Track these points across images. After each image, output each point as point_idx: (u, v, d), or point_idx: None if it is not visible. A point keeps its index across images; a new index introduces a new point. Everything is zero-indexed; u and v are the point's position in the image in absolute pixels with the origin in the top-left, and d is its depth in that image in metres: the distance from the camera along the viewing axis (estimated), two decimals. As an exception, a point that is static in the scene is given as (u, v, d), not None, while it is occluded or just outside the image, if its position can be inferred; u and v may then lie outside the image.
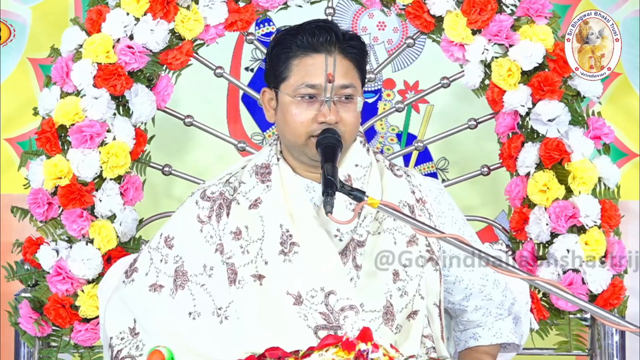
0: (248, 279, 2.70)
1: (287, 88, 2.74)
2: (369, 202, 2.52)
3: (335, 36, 2.73)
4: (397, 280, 2.73)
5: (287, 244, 2.71)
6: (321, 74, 2.71)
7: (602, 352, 3.53)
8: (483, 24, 3.54)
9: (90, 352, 3.50)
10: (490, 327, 2.94)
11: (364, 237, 2.74)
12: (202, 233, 2.79)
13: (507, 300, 2.95)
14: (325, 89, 2.71)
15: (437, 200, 2.88)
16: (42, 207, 3.46)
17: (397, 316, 2.71)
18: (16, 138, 4.21)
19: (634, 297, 3.73)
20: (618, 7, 4.25)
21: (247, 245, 2.73)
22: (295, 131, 2.73)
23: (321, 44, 2.72)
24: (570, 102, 3.54)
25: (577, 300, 2.41)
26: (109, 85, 3.47)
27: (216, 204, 2.80)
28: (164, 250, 2.80)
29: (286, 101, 2.74)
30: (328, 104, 2.70)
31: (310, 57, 2.73)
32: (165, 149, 3.96)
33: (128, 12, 3.50)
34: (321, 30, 2.73)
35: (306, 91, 2.72)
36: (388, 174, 2.84)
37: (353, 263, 2.72)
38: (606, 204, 3.50)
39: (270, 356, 2.57)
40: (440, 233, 2.55)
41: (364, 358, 2.47)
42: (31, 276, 3.52)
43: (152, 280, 2.78)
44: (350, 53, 2.75)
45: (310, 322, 2.65)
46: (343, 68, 2.73)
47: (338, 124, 2.71)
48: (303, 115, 2.72)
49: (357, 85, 2.75)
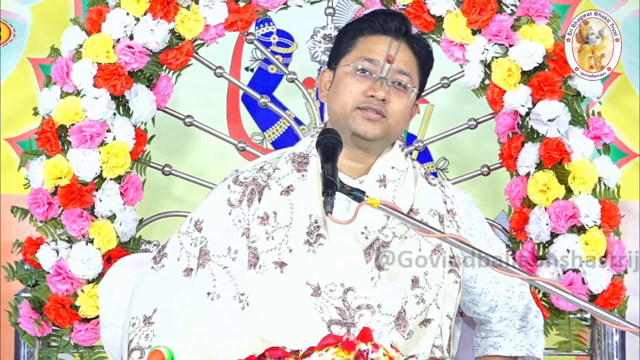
0: (269, 265, 2.69)
1: (346, 61, 2.75)
2: (369, 202, 2.52)
3: (406, 27, 2.76)
4: (416, 287, 2.72)
5: (313, 235, 2.70)
6: (382, 53, 2.72)
7: (602, 352, 3.53)
8: (483, 24, 3.54)
9: (90, 352, 3.50)
10: (511, 339, 2.94)
11: (389, 238, 2.73)
12: (230, 216, 2.76)
13: (531, 312, 2.96)
14: (383, 68, 2.71)
15: (467, 212, 2.87)
16: (42, 207, 3.46)
17: (410, 322, 2.70)
18: (16, 138, 4.21)
19: (634, 297, 3.73)
20: (618, 7, 4.25)
21: (273, 231, 2.72)
22: (343, 100, 2.72)
23: (390, 29, 2.74)
24: (570, 102, 3.54)
25: (577, 300, 2.41)
26: (109, 85, 3.47)
27: (248, 189, 2.78)
28: (193, 233, 2.78)
29: (341, 73, 2.75)
30: (381, 81, 2.71)
31: (377, 37, 2.75)
32: (165, 149, 3.96)
33: (128, 12, 3.50)
34: (395, 18, 2.76)
35: (364, 64, 2.72)
36: (422, 181, 2.83)
37: (376, 263, 2.71)
38: (606, 204, 3.50)
39: (270, 356, 2.57)
40: (441, 233, 2.55)
41: (364, 358, 2.47)
42: (31, 276, 3.52)
43: (184, 265, 2.75)
44: (416, 47, 2.77)
45: (324, 315, 2.64)
46: (405, 56, 2.75)
47: (385, 104, 2.70)
48: (355, 85, 2.72)
49: (415, 80, 2.76)
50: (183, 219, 3.74)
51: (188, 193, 4.17)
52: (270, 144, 4.38)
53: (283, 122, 4.35)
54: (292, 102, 4.27)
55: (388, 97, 2.70)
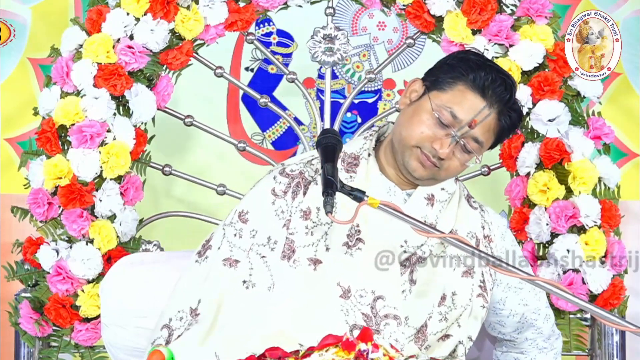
0: (304, 261, 2.67)
1: (436, 98, 2.68)
2: (369, 202, 2.52)
3: (506, 96, 2.68)
4: (442, 305, 2.73)
5: (353, 238, 2.69)
6: (470, 114, 2.66)
7: (602, 352, 3.53)
8: (483, 24, 3.54)
9: (90, 352, 3.51)
10: (532, 358, 2.96)
11: (426, 255, 2.72)
12: (273, 206, 2.74)
13: (554, 335, 2.98)
14: (461, 128, 2.66)
15: (502, 237, 2.88)
16: (42, 207, 3.46)
17: (429, 337, 2.71)
18: (16, 138, 4.21)
19: (634, 297, 3.74)
20: (618, 7, 4.25)
21: (313, 227, 2.70)
22: (412, 132, 2.68)
23: (491, 94, 2.67)
24: (570, 102, 3.54)
25: (577, 300, 2.41)
26: (109, 85, 3.47)
27: (294, 181, 2.76)
28: (237, 224, 2.75)
29: (426, 107, 2.69)
30: (452, 140, 2.66)
31: (474, 95, 2.67)
32: (165, 149, 3.97)
33: (128, 12, 3.50)
34: (501, 84, 2.68)
35: (447, 118, 2.66)
36: (464, 204, 2.82)
37: (409, 277, 2.70)
38: (606, 204, 3.50)
39: (270, 356, 2.57)
40: (441, 233, 2.55)
41: (364, 358, 2.47)
42: (31, 276, 3.52)
43: (225, 255, 2.73)
44: (505, 119, 2.71)
45: (349, 319, 2.63)
46: (488, 126, 2.69)
47: (443, 161, 2.68)
48: (429, 129, 2.67)
49: (484, 148, 2.72)
50: (183, 219, 3.79)
51: (188, 193, 4.17)
52: (270, 144, 4.38)
53: (283, 122, 4.35)
54: (292, 102, 4.28)
55: (450, 155, 2.68)
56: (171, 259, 3.04)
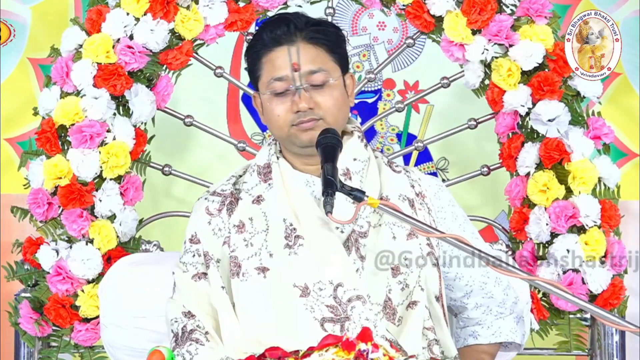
0: (252, 271, 2.71)
1: (262, 87, 2.78)
2: (369, 202, 2.53)
3: (295, 26, 2.75)
4: (397, 274, 2.73)
5: (291, 237, 2.72)
6: (287, 65, 2.73)
7: (602, 352, 3.53)
8: (483, 24, 3.54)
9: (90, 352, 3.50)
10: (489, 326, 2.94)
11: (365, 228, 2.74)
12: (210, 225, 2.80)
13: (508, 298, 2.95)
14: (294, 79, 2.72)
15: (436, 195, 2.88)
16: (42, 207, 3.46)
17: (398, 309, 2.71)
18: (16, 138, 4.21)
19: (634, 297, 3.73)
20: (618, 7, 4.25)
21: (250, 238, 2.74)
22: (276, 124, 2.76)
23: (281, 36, 2.74)
24: (570, 102, 3.54)
25: (577, 300, 2.41)
26: (109, 85, 3.47)
27: (227, 199, 2.82)
28: (192, 247, 2.81)
29: (264, 99, 2.78)
30: (299, 92, 2.72)
31: (274, 52, 2.75)
32: (165, 149, 3.97)
33: (128, 12, 3.50)
34: (280, 23, 2.75)
35: (275, 86, 2.74)
36: (386, 169, 2.84)
37: (357, 254, 2.72)
38: (606, 204, 3.50)
39: (270, 356, 2.58)
40: (441, 233, 2.55)
41: (364, 358, 2.48)
42: (31, 276, 3.52)
43: (192, 272, 2.79)
44: (317, 39, 2.75)
45: (316, 314, 2.65)
46: (309, 55, 2.74)
47: (314, 110, 2.72)
48: (279, 108, 2.74)
49: (331, 69, 2.76)
50: (183, 219, 3.78)
51: (188, 193, 4.16)
52: (270, 144, 4.38)
53: (283, 122, 4.35)
54: (292, 102, 4.27)
55: (311, 101, 2.72)
56: (171, 259, 3.05)
